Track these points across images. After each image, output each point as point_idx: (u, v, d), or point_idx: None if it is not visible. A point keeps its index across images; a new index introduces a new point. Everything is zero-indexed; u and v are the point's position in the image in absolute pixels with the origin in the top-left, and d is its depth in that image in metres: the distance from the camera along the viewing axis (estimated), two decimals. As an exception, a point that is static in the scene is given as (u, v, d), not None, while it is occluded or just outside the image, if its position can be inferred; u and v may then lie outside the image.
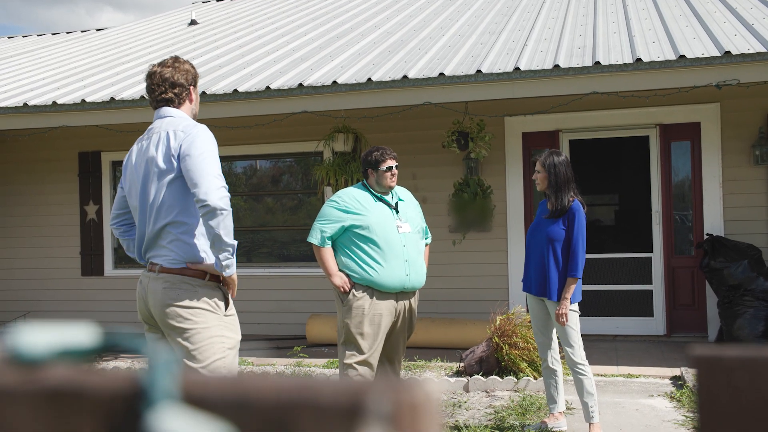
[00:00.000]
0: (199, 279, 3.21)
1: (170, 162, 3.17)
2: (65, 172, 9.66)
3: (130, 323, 9.24)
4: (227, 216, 3.07)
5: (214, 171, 3.09)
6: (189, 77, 3.39)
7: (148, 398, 0.47)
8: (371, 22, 10.58)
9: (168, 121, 3.29)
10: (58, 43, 13.27)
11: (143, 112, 7.81)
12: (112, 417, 0.48)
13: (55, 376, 0.50)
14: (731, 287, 6.87)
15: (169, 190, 3.19)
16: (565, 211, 4.66)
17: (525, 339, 6.26)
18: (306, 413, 0.46)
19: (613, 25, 8.25)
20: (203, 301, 3.20)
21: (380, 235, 4.41)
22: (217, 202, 3.02)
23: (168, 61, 3.43)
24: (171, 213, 3.20)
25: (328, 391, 0.47)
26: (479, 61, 7.29)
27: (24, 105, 8.02)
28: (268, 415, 0.47)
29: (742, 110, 7.58)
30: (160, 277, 3.23)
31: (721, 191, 7.66)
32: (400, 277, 4.43)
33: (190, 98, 3.42)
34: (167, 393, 0.48)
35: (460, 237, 8.20)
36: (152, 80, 3.36)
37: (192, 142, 3.13)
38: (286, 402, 0.47)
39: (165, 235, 3.23)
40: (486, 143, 7.88)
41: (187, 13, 14.18)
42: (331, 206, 4.50)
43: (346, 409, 0.46)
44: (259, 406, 0.47)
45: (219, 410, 0.48)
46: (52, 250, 9.71)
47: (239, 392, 0.47)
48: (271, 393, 0.47)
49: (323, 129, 8.16)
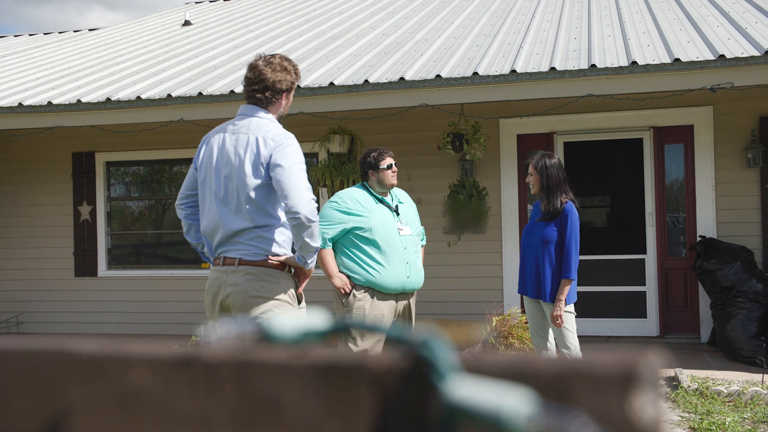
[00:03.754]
0: (279, 270, 3.30)
1: (258, 169, 3.23)
2: (59, 172, 9.63)
3: (123, 324, 9.23)
4: (316, 225, 3.20)
5: (304, 183, 3.19)
6: (285, 84, 3.42)
7: (436, 370, 0.50)
8: (366, 23, 10.61)
9: (256, 123, 3.33)
10: (50, 42, 13.23)
11: (138, 112, 7.81)
12: (388, 389, 0.51)
13: (324, 353, 0.54)
14: (724, 289, 6.92)
15: (255, 195, 3.24)
16: (558, 213, 4.69)
17: (521, 340, 6.29)
18: (582, 382, 0.49)
19: (607, 28, 8.31)
20: (284, 293, 3.29)
21: (382, 236, 4.43)
22: (308, 215, 3.14)
23: (275, 59, 3.43)
24: (255, 217, 3.26)
25: (601, 361, 0.49)
26: (475, 63, 7.33)
27: (19, 105, 8.00)
28: (547, 385, 0.49)
29: (735, 113, 7.65)
30: (240, 269, 3.27)
31: (713, 193, 7.73)
32: (401, 279, 4.45)
33: (281, 102, 3.46)
34: (451, 365, 0.51)
35: (455, 238, 8.23)
36: (252, 73, 3.39)
37: (283, 153, 3.21)
38: (563, 372, 0.49)
39: (246, 233, 3.28)
40: (481, 145, 7.91)
41: (180, 13, 14.16)
42: (333, 208, 4.50)
43: (620, 377, 0.48)
44: (537, 376, 0.49)
45: (502, 380, 0.50)
46: (46, 251, 9.68)
47: (515, 364, 0.50)
48: (547, 365, 0.49)
49: (319, 130, 8.18)
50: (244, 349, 0.53)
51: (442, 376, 0.51)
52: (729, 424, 4.80)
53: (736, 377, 6.11)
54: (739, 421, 4.90)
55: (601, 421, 0.46)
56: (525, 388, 0.49)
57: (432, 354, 0.52)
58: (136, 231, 9.74)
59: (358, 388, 0.52)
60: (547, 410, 0.47)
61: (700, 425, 4.82)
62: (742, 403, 5.39)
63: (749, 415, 5.07)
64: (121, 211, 9.81)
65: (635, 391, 0.48)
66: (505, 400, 0.47)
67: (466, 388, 0.50)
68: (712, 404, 5.33)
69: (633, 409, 0.47)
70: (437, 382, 0.51)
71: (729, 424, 4.80)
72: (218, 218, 3.31)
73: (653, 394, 0.48)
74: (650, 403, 0.47)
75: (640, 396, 0.47)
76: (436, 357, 0.52)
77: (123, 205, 9.84)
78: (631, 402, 0.47)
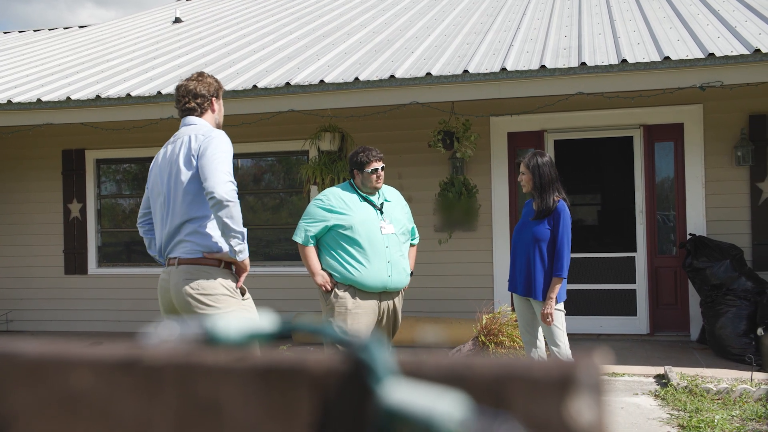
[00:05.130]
0: (215, 267, 3.44)
1: (190, 162, 3.44)
2: (49, 169, 9.60)
3: (113, 321, 9.20)
4: (233, 206, 3.30)
5: (224, 168, 3.34)
6: (211, 89, 3.69)
7: (374, 373, 0.51)
8: (357, 21, 10.59)
9: (191, 128, 3.58)
10: (40, 39, 13.18)
11: (128, 109, 7.78)
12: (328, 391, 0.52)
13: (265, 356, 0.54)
14: (713, 286, 6.94)
15: (188, 187, 3.43)
16: (550, 212, 4.70)
17: (511, 338, 6.30)
18: (520, 386, 0.49)
19: (598, 27, 8.32)
20: (221, 287, 3.43)
21: (363, 235, 4.43)
22: (223, 195, 3.26)
23: (193, 75, 3.77)
24: (190, 209, 3.44)
25: (539, 365, 0.49)
26: (466, 61, 7.32)
27: (8, 102, 7.95)
28: (486, 389, 0.49)
29: (725, 112, 7.67)
30: (180, 269, 3.45)
31: (703, 192, 7.75)
32: (382, 278, 4.45)
33: (212, 108, 3.70)
34: (389, 368, 0.51)
35: (446, 236, 8.23)
36: (178, 92, 3.69)
37: (209, 144, 3.41)
38: (501, 376, 0.49)
39: (183, 229, 3.46)
40: (471, 143, 7.92)
41: (171, 11, 14.12)
42: (316, 205, 4.53)
43: (557, 381, 0.48)
44: (475, 380, 0.49)
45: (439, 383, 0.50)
46: (35, 249, 9.65)
47: (453, 368, 0.49)
48: (485, 368, 0.49)
49: (309, 128, 8.16)
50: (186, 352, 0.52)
51: (379, 379, 0.51)
52: (718, 421, 4.81)
53: (726, 375, 6.13)
54: (728, 419, 4.91)
55: (538, 425, 0.46)
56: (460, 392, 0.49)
57: (371, 357, 0.52)
58: (127, 229, 9.71)
59: (299, 391, 0.52)
60: (480, 414, 0.46)
61: (689, 423, 4.83)
62: (731, 400, 5.41)
63: (738, 412, 5.08)
64: (111, 208, 9.78)
65: (573, 395, 0.47)
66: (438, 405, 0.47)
67: (402, 392, 0.50)
68: (701, 402, 5.34)
69: (570, 413, 0.46)
70: (375, 385, 0.51)
71: (718, 421, 4.81)
72: (165, 221, 3.52)
73: (592, 397, 0.47)
74: (588, 407, 0.47)
75: (578, 400, 0.47)
76: (374, 360, 0.51)
77: (113, 203, 9.81)
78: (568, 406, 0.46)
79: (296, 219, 9.05)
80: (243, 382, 0.52)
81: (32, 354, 0.53)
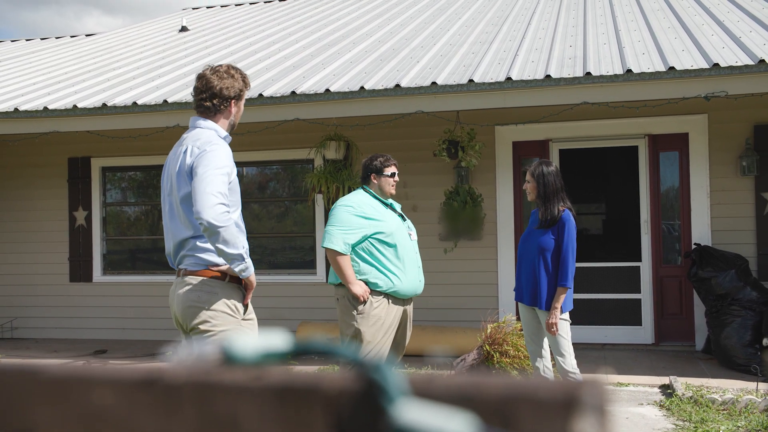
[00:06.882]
0: (219, 280, 3.26)
1: (184, 179, 3.23)
2: (55, 177, 9.64)
3: (118, 329, 9.22)
4: (225, 230, 3.06)
5: (212, 189, 3.07)
6: (233, 91, 3.39)
7: (386, 393, 0.52)
8: (362, 30, 10.63)
9: (195, 133, 3.34)
10: (47, 48, 13.24)
11: (134, 118, 7.81)
12: (341, 410, 0.53)
13: (280, 375, 0.55)
14: (719, 296, 6.93)
15: (185, 205, 3.24)
16: (555, 221, 4.70)
17: (516, 347, 6.29)
18: (526, 406, 0.50)
19: (602, 36, 8.33)
20: (222, 303, 3.25)
21: (399, 242, 4.39)
22: (211, 220, 3.03)
23: (222, 68, 3.44)
24: (189, 227, 3.26)
25: (545, 386, 0.50)
26: (471, 70, 7.34)
27: (15, 110, 7.99)
28: (493, 409, 0.50)
29: (730, 122, 7.67)
30: (183, 280, 3.29)
31: (708, 201, 7.75)
32: (415, 284, 4.46)
33: (229, 110, 3.42)
34: (401, 389, 0.52)
35: (451, 245, 8.24)
36: (199, 82, 3.40)
37: (200, 161, 3.16)
38: (507, 396, 0.50)
39: (186, 244, 3.30)
40: (476, 152, 7.93)
41: (177, 19, 14.19)
42: (350, 213, 4.38)
43: (562, 402, 0.49)
44: (482, 400, 0.51)
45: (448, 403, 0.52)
46: (41, 256, 9.67)
47: (462, 388, 0.51)
48: (492, 389, 0.51)
49: (315, 136, 8.19)
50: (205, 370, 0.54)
51: (391, 399, 0.52)
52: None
53: (731, 385, 6.11)
54: (734, 430, 4.90)
55: None
56: (469, 412, 0.50)
57: (383, 378, 0.53)
58: (132, 236, 9.73)
59: (313, 409, 0.53)
60: None
61: (694, 433, 4.82)
62: (736, 411, 5.39)
63: (743, 423, 5.07)
64: (116, 216, 9.81)
65: (578, 416, 0.48)
66: (448, 425, 0.48)
67: (413, 412, 0.51)
68: (706, 412, 5.33)
69: None
70: (387, 405, 0.52)
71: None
72: (170, 232, 3.37)
73: (597, 419, 0.48)
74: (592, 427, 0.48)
75: (582, 421, 0.48)
76: (386, 381, 0.53)
77: (119, 211, 9.84)
78: (573, 427, 0.48)
79: (301, 227, 9.08)
80: (259, 401, 0.54)
81: (56, 371, 0.54)
